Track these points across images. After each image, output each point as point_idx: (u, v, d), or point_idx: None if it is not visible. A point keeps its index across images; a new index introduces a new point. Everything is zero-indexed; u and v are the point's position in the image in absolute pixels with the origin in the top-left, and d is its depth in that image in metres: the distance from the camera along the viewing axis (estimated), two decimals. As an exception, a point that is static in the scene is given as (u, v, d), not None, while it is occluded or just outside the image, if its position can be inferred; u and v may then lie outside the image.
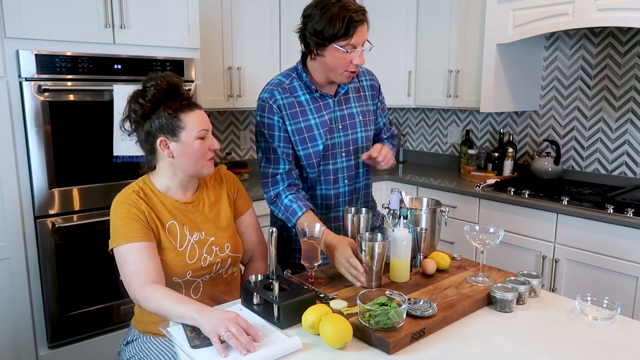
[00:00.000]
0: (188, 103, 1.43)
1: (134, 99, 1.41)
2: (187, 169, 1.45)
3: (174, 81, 1.43)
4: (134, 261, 1.36)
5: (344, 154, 1.73)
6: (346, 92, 1.73)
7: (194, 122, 1.41)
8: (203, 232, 1.50)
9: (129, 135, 1.47)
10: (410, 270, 1.50)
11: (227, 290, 1.57)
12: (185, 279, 1.46)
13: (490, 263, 2.33)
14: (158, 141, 1.41)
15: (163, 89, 1.40)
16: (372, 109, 1.80)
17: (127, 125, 1.46)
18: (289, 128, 1.65)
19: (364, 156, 1.67)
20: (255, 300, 1.32)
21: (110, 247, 1.41)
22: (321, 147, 1.67)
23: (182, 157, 1.42)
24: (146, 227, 1.40)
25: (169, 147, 1.41)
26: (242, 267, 1.71)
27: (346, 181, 1.76)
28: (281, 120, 1.64)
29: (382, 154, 1.64)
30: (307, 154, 1.67)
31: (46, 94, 2.13)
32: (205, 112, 1.48)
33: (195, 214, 1.51)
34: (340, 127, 1.71)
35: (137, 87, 1.43)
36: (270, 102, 1.64)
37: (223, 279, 1.55)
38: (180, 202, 1.49)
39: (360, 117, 1.74)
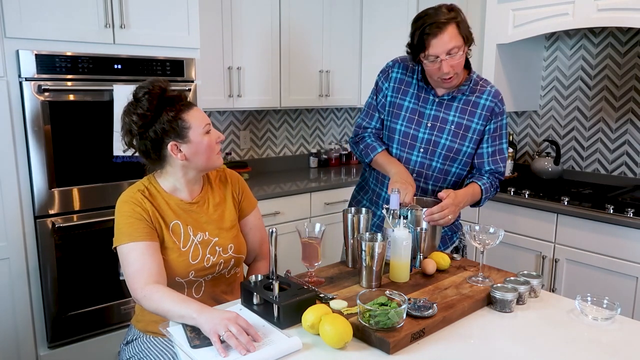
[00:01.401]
0: (184, 103, 1.43)
1: (129, 112, 1.39)
2: (200, 166, 1.46)
3: (164, 85, 1.42)
4: (136, 260, 1.36)
5: (421, 150, 1.79)
6: (451, 98, 1.76)
7: (197, 119, 1.41)
8: (207, 233, 1.50)
9: (131, 153, 1.46)
10: (410, 270, 1.50)
11: (229, 291, 1.57)
12: (187, 279, 1.46)
13: (490, 263, 2.33)
14: (169, 147, 1.40)
15: (157, 94, 1.39)
16: (478, 128, 1.77)
17: (128, 139, 1.43)
18: (388, 98, 1.83)
19: (441, 194, 1.63)
20: (255, 300, 1.32)
21: (113, 246, 1.41)
22: (399, 127, 1.80)
23: (194, 156, 1.42)
24: (150, 227, 1.41)
25: (180, 150, 1.41)
26: (246, 267, 1.71)
27: (414, 175, 1.79)
28: (389, 89, 1.83)
29: (434, 209, 1.57)
30: (387, 126, 1.84)
31: (46, 94, 2.13)
32: (203, 110, 1.49)
33: (200, 214, 1.51)
34: (429, 124, 1.78)
35: (129, 99, 1.41)
36: (388, 70, 1.85)
37: (225, 279, 1.55)
38: (185, 202, 1.49)
39: (453, 127, 1.76)
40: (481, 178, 1.81)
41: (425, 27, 1.58)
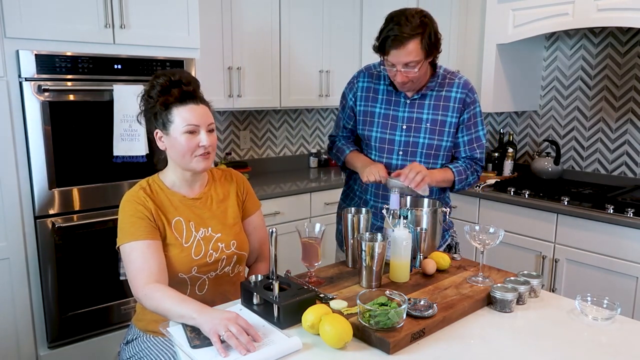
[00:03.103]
0: (181, 98, 1.42)
1: (143, 94, 1.47)
2: (177, 163, 1.47)
3: (176, 77, 1.43)
4: (137, 259, 1.37)
5: (400, 152, 1.79)
6: (422, 97, 1.77)
7: (181, 117, 1.41)
8: (209, 228, 1.50)
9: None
10: (410, 270, 1.50)
11: (234, 290, 1.56)
12: (190, 274, 1.46)
13: (490, 263, 2.32)
14: (154, 133, 1.46)
15: (165, 85, 1.42)
16: (453, 121, 1.78)
17: (141, 118, 1.51)
18: (357, 108, 1.86)
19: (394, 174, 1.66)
20: (255, 300, 1.32)
21: (117, 245, 1.42)
22: (375, 134, 1.81)
23: (171, 150, 1.45)
24: (152, 226, 1.41)
25: (162, 140, 1.45)
26: (247, 269, 1.71)
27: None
28: (353, 99, 1.87)
29: (405, 170, 1.63)
30: (363, 135, 1.86)
31: (46, 94, 2.13)
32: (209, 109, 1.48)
33: (203, 210, 1.51)
34: (404, 127, 1.78)
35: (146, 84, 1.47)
36: (354, 81, 1.88)
37: (229, 277, 1.55)
38: (187, 197, 1.51)
39: (429, 124, 1.77)
40: (454, 163, 1.83)
41: (388, 36, 1.59)
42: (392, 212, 1.50)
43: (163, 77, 1.43)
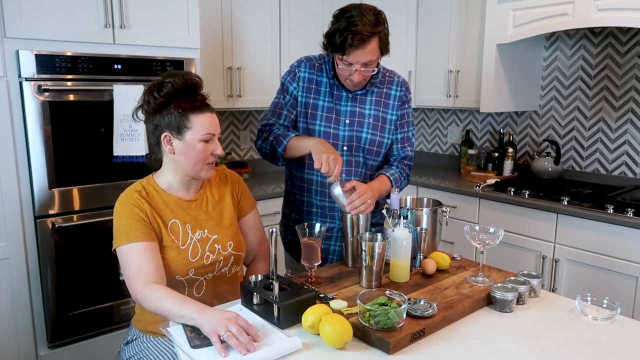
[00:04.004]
0: (200, 104, 1.43)
1: (150, 90, 1.42)
2: (185, 169, 1.45)
3: (192, 80, 1.43)
4: (135, 261, 1.36)
5: (345, 148, 1.76)
6: (365, 93, 1.76)
7: (201, 124, 1.41)
8: (206, 230, 1.50)
9: (144, 122, 1.48)
10: (411, 270, 1.50)
11: (231, 290, 1.56)
12: (187, 277, 1.46)
13: (490, 263, 2.33)
14: (163, 136, 1.42)
15: (179, 86, 1.40)
16: (393, 119, 1.80)
17: (140, 114, 1.47)
18: (299, 99, 1.77)
19: (346, 186, 1.58)
20: (255, 300, 1.32)
21: (113, 247, 1.41)
22: (318, 128, 1.74)
23: (182, 155, 1.42)
24: (148, 227, 1.41)
25: (171, 143, 1.42)
26: (245, 268, 1.71)
27: (343, 175, 1.76)
28: (297, 89, 1.76)
29: (352, 197, 1.54)
30: (304, 129, 1.76)
31: (46, 94, 2.13)
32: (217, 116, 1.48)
33: (198, 212, 1.51)
34: (347, 121, 1.75)
35: (157, 79, 1.44)
36: (294, 70, 1.78)
37: (227, 278, 1.55)
38: (183, 200, 1.50)
39: (372, 120, 1.76)
40: (389, 169, 1.80)
41: (348, 35, 1.53)
42: (392, 212, 1.50)
43: (178, 77, 1.41)
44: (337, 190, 1.54)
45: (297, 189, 1.85)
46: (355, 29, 1.52)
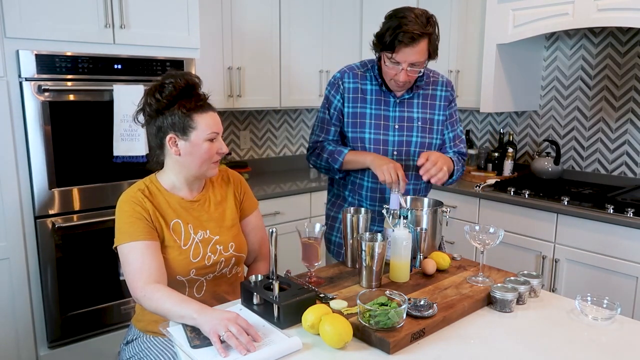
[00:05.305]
0: (203, 104, 1.43)
1: (151, 92, 1.41)
2: (191, 169, 1.45)
3: (193, 81, 1.43)
4: (136, 260, 1.36)
5: (395, 153, 1.77)
6: (411, 96, 1.77)
7: (205, 124, 1.41)
8: (208, 231, 1.50)
9: (142, 126, 1.48)
10: (411, 270, 1.50)
11: (231, 291, 1.56)
12: (188, 277, 1.46)
13: (490, 263, 2.32)
14: (167, 138, 1.42)
15: (181, 87, 1.40)
16: (441, 119, 1.81)
17: (141, 117, 1.46)
18: (345, 110, 1.79)
19: (419, 160, 1.63)
20: (255, 300, 1.32)
21: (114, 245, 1.41)
22: (368, 136, 1.76)
23: (188, 156, 1.42)
24: (150, 226, 1.41)
25: (177, 144, 1.42)
26: (246, 268, 1.71)
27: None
28: (341, 101, 1.79)
29: (427, 165, 1.60)
30: (354, 138, 1.78)
31: (46, 94, 2.13)
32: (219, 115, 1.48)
33: (201, 213, 1.51)
34: (396, 127, 1.77)
35: (156, 80, 1.43)
36: (339, 82, 1.79)
37: (227, 278, 1.55)
38: (185, 200, 1.50)
39: (420, 123, 1.77)
40: (448, 153, 1.84)
41: (399, 32, 1.55)
42: (392, 212, 1.50)
43: (179, 78, 1.40)
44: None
45: (348, 191, 1.87)
46: (407, 28, 1.55)
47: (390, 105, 1.77)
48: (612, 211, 2.30)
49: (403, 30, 1.55)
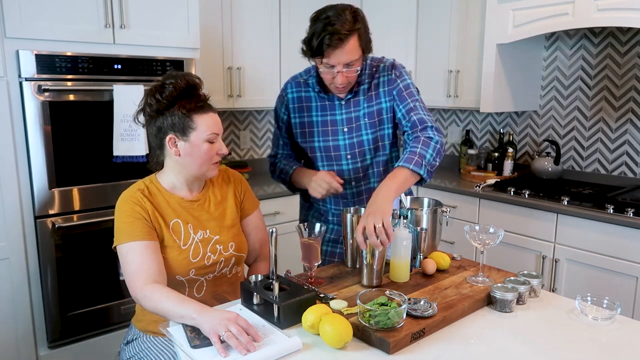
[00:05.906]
0: (203, 105, 1.43)
1: (151, 93, 1.41)
2: (191, 169, 1.45)
3: (193, 82, 1.43)
4: (135, 260, 1.36)
5: (349, 156, 1.73)
6: (356, 94, 1.70)
7: (205, 125, 1.41)
8: (207, 231, 1.50)
9: (142, 126, 1.48)
10: (411, 270, 1.50)
11: (231, 291, 1.56)
12: (188, 277, 1.46)
13: (490, 263, 2.33)
14: (167, 138, 1.42)
15: (181, 88, 1.40)
16: (388, 105, 1.69)
17: (141, 117, 1.46)
18: (292, 121, 1.77)
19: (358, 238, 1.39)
20: (255, 300, 1.32)
21: (113, 245, 1.41)
22: (317, 144, 1.73)
23: (188, 156, 1.42)
24: (149, 226, 1.41)
25: (177, 145, 1.42)
26: (246, 268, 1.71)
27: (353, 183, 1.76)
28: (287, 113, 1.78)
29: (370, 240, 1.35)
30: (306, 148, 1.77)
31: (46, 94, 2.13)
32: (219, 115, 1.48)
33: (201, 212, 1.51)
34: (345, 129, 1.72)
35: (157, 81, 1.43)
36: (283, 94, 1.79)
37: (227, 278, 1.55)
38: (185, 200, 1.50)
39: (367, 119, 1.70)
40: (403, 154, 1.58)
41: (325, 35, 1.46)
42: (391, 212, 1.50)
43: (180, 79, 1.40)
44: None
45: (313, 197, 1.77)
46: (332, 29, 1.46)
47: (337, 109, 1.71)
48: (612, 211, 2.30)
49: (328, 32, 1.46)
